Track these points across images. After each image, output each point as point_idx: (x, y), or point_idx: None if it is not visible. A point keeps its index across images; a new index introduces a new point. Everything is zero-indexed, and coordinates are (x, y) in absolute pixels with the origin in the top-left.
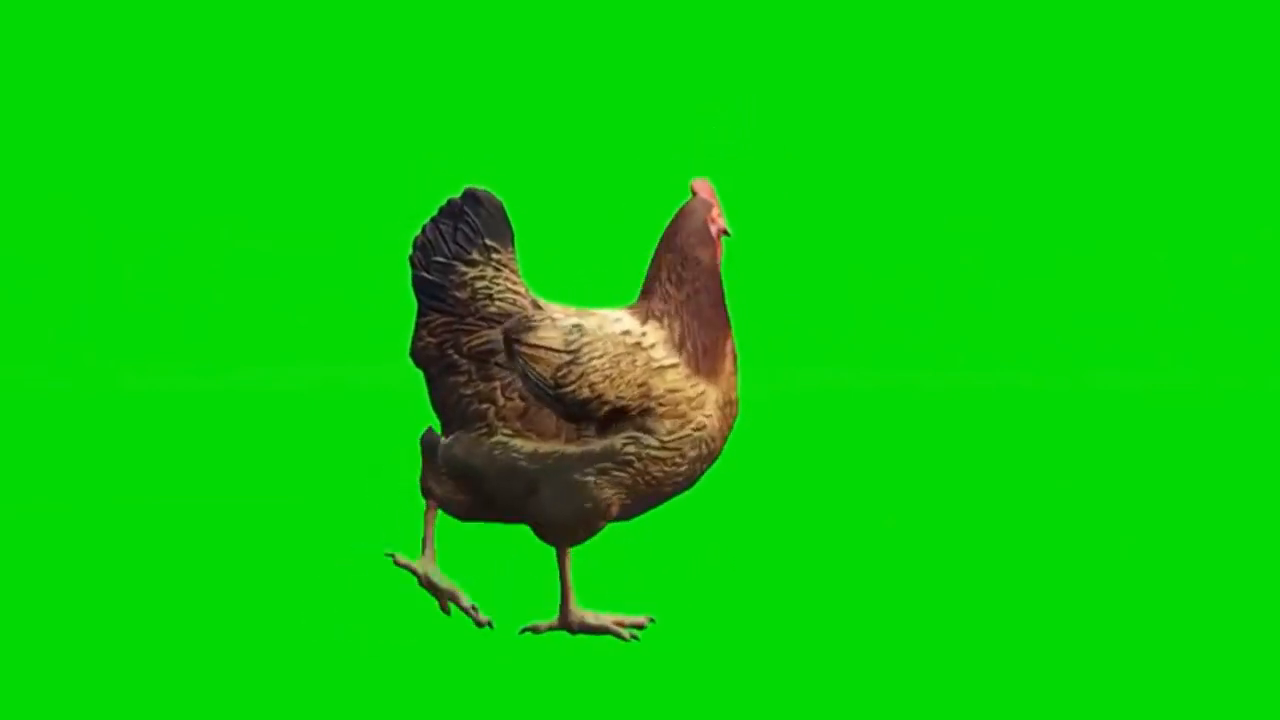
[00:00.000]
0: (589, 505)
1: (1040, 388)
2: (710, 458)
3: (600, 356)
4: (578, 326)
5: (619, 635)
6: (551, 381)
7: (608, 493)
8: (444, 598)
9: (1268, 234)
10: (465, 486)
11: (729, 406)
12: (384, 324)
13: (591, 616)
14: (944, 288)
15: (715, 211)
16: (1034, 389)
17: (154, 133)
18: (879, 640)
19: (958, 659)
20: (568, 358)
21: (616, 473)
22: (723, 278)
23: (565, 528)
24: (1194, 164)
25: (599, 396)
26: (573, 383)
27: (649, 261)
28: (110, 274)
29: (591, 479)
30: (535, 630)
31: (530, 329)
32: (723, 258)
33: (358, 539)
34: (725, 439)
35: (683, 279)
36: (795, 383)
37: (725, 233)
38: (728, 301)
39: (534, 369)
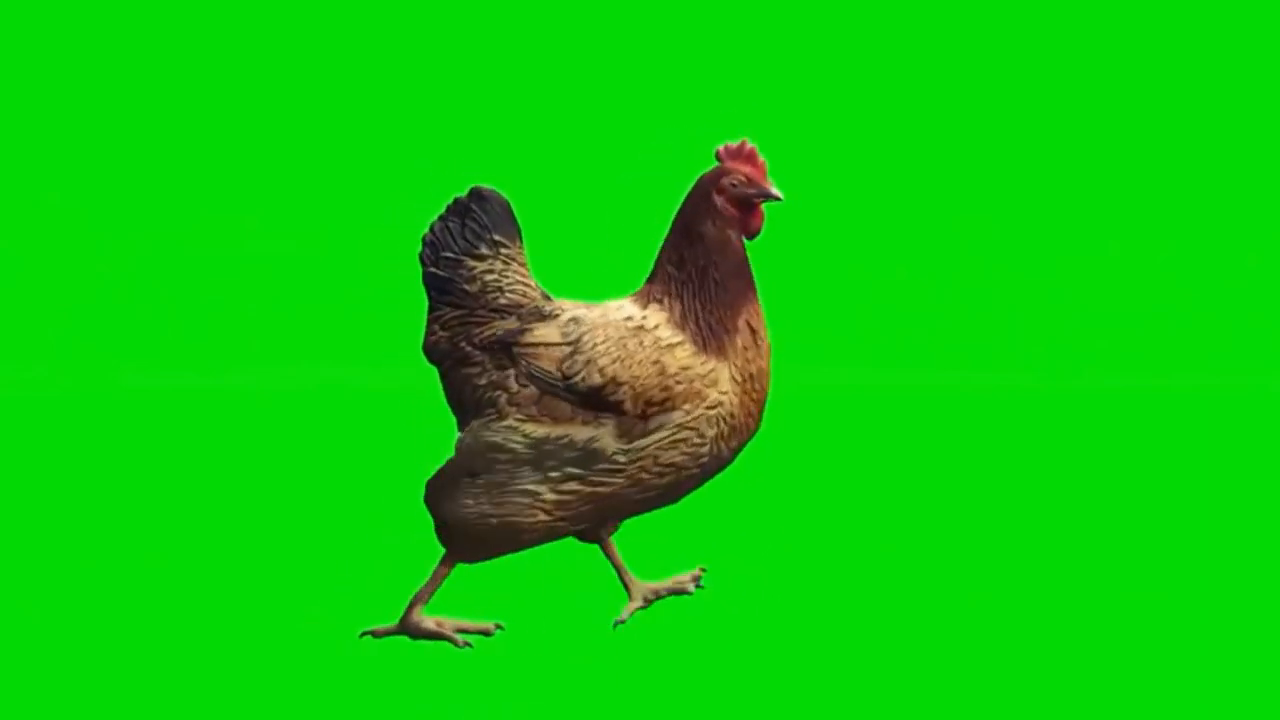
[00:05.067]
0: (507, 528)
1: (1041, 387)
2: (735, 435)
3: (604, 341)
4: (574, 319)
5: (454, 642)
6: (558, 374)
7: (541, 518)
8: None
9: (1269, 234)
10: None
11: (749, 381)
12: (387, 325)
13: (432, 623)
14: (944, 288)
15: (733, 178)
16: (1035, 389)
17: (156, 132)
18: (877, 639)
19: (957, 658)
20: (569, 349)
21: (597, 479)
22: (744, 247)
23: (475, 540)
24: (1195, 165)
25: (613, 379)
26: (580, 370)
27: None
28: (111, 273)
29: (542, 490)
30: (375, 634)
31: (526, 330)
32: (760, 225)
33: (358, 540)
34: (754, 416)
35: (684, 258)
36: (793, 382)
37: (765, 196)
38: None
39: (537, 365)
